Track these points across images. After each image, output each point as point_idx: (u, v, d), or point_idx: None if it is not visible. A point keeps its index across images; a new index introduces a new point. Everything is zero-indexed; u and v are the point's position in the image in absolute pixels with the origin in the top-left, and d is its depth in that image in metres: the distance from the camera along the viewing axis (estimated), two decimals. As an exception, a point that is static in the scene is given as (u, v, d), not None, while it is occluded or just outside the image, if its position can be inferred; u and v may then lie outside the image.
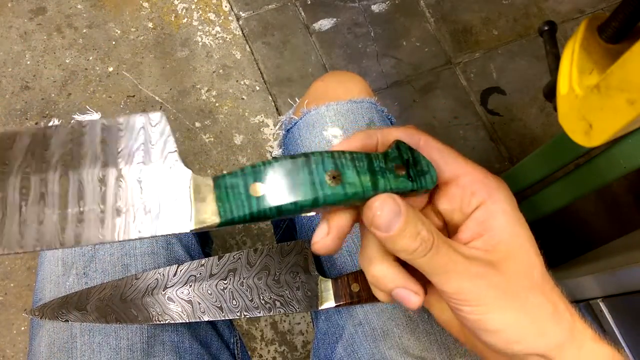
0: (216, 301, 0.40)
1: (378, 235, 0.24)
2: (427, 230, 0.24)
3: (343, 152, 0.25)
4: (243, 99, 1.19)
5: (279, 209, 0.23)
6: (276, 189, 0.23)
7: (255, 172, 0.23)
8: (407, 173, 0.25)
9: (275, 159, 0.24)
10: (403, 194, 0.25)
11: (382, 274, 0.26)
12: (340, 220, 0.25)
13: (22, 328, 1.01)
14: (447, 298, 0.25)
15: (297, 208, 0.23)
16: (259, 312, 0.40)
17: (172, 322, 0.40)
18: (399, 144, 0.26)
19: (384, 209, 0.23)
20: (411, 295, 0.26)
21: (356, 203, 0.24)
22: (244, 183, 0.23)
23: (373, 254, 0.26)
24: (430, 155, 0.26)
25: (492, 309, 0.24)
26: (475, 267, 0.24)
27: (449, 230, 0.29)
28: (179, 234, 0.50)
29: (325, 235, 0.25)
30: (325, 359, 0.48)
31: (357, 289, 0.40)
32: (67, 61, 1.19)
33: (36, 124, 1.14)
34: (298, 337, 1.04)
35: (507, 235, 0.25)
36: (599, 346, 0.25)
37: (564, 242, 1.14)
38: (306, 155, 0.24)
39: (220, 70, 1.20)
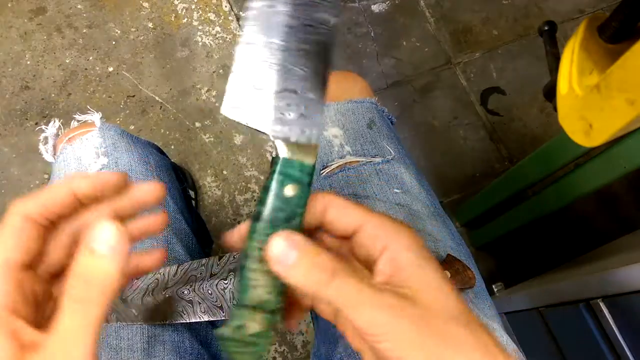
0: (216, 301, 0.40)
1: (276, 271, 0.25)
2: (328, 259, 0.24)
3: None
4: (243, 99, 1.19)
5: None
6: None
7: None
8: None
9: None
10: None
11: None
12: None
13: (22, 328, 1.01)
14: (365, 335, 0.24)
15: None
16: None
17: (172, 322, 0.40)
18: None
19: (275, 244, 0.25)
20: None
21: None
22: None
23: None
24: (331, 213, 0.27)
25: (412, 343, 0.23)
26: (387, 299, 0.24)
27: None
28: (181, 235, 0.50)
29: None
30: (325, 358, 0.48)
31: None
32: (67, 61, 1.19)
33: (36, 124, 1.14)
34: (298, 337, 1.04)
35: (416, 271, 0.25)
36: None
37: (564, 242, 1.14)
38: None
39: (220, 70, 1.20)
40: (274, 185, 0.26)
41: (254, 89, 0.27)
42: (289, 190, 0.26)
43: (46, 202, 0.25)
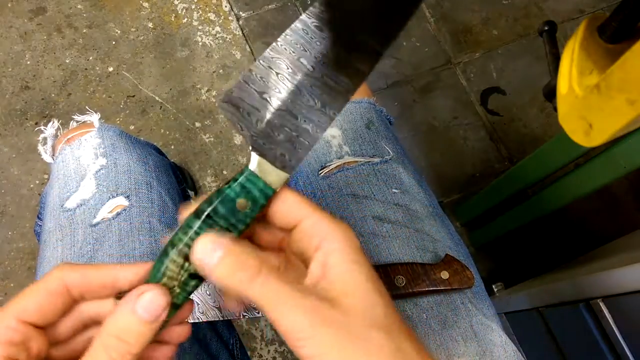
0: (215, 302, 0.40)
1: (207, 272, 0.25)
2: (253, 258, 0.25)
3: None
4: (243, 99, 1.19)
5: None
6: None
7: None
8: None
9: None
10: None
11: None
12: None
13: (22, 328, 1.01)
14: (288, 340, 0.24)
15: None
16: (258, 313, 0.40)
17: (171, 322, 0.40)
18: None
19: (201, 244, 0.25)
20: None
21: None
22: None
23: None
24: (274, 204, 0.27)
25: (331, 349, 0.23)
26: (309, 301, 0.24)
27: None
28: None
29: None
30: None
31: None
32: (67, 61, 1.19)
33: (36, 124, 1.14)
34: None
35: (343, 273, 0.25)
36: None
37: (564, 242, 1.14)
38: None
39: (220, 70, 1.20)
40: (228, 192, 0.26)
41: (259, 95, 0.27)
42: (241, 204, 0.26)
43: (90, 279, 0.26)
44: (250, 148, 0.27)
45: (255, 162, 0.27)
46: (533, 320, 0.81)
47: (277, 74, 0.27)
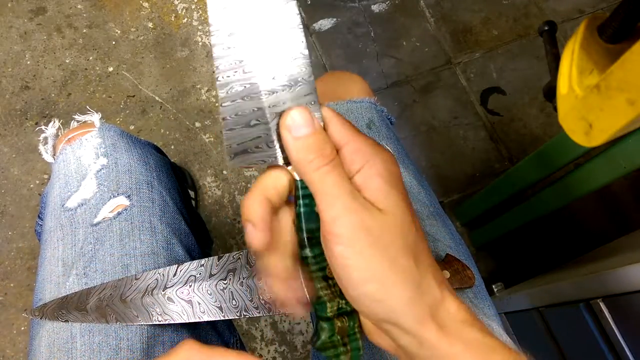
0: (216, 301, 0.40)
1: (286, 138, 0.26)
2: (330, 148, 0.26)
3: None
4: (243, 99, 1.19)
5: None
6: None
7: None
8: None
9: None
10: None
11: (249, 203, 0.27)
12: (256, 211, 0.26)
13: (22, 328, 1.01)
14: (325, 229, 0.25)
15: None
16: (259, 312, 0.40)
17: (172, 322, 0.40)
18: None
19: (298, 115, 0.26)
20: (253, 232, 0.26)
21: None
22: None
23: (254, 190, 0.27)
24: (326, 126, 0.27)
25: (360, 255, 0.24)
26: (357, 204, 0.25)
27: None
28: (181, 236, 0.50)
29: (253, 231, 0.26)
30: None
31: (357, 289, 0.40)
32: (67, 61, 1.19)
33: (36, 124, 1.14)
34: (298, 337, 1.04)
35: (383, 196, 0.26)
36: (473, 332, 0.25)
37: (564, 242, 1.14)
38: None
39: (220, 70, 1.20)
40: (304, 210, 0.27)
41: (248, 127, 0.27)
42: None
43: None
44: (284, 165, 0.27)
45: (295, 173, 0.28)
46: (533, 320, 0.81)
47: (243, 100, 0.26)
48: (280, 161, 0.27)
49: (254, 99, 0.26)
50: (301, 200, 0.27)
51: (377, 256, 0.25)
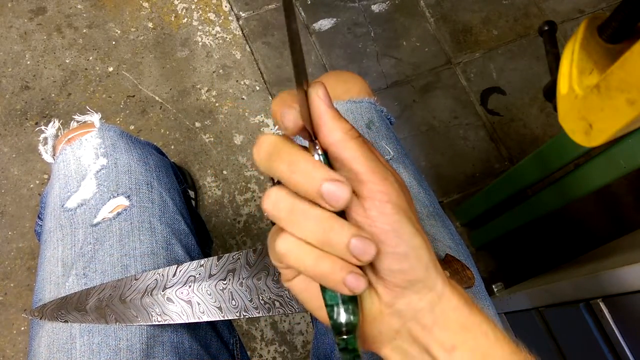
0: (215, 301, 0.40)
1: (319, 108, 0.25)
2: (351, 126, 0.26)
3: None
4: (243, 99, 1.19)
5: None
6: None
7: None
8: None
9: None
10: None
11: (279, 97, 0.26)
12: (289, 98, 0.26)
13: (22, 328, 1.01)
14: (373, 190, 0.25)
15: None
16: (259, 313, 0.40)
17: (172, 322, 0.40)
18: None
19: (318, 89, 0.25)
20: (341, 186, 0.24)
21: None
22: None
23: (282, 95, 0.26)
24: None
25: (405, 213, 0.26)
26: (390, 174, 0.26)
27: None
28: (180, 236, 0.50)
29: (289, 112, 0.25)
30: (324, 358, 0.48)
31: (356, 289, 0.40)
32: (67, 61, 1.19)
33: (36, 124, 1.14)
34: (298, 337, 1.04)
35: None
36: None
37: (564, 242, 1.14)
38: None
39: (220, 70, 1.20)
40: None
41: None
42: None
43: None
44: None
45: None
46: (533, 320, 0.81)
47: None
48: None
49: None
50: None
51: (412, 213, 0.27)
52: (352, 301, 0.27)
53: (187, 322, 0.40)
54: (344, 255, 0.24)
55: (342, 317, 0.26)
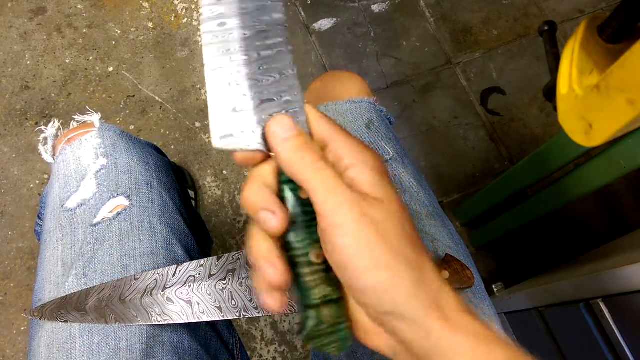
0: (215, 302, 0.40)
1: (273, 143, 0.27)
2: (316, 146, 0.27)
3: None
4: (243, 99, 1.19)
5: None
6: None
7: None
8: None
9: None
10: None
11: (253, 193, 0.27)
12: (265, 197, 0.27)
13: (22, 328, 1.01)
14: (325, 224, 0.25)
15: None
16: (258, 313, 0.40)
17: (171, 322, 0.40)
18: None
19: (277, 122, 0.27)
20: (269, 216, 0.26)
21: None
22: None
23: (253, 181, 0.28)
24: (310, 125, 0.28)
25: (366, 244, 0.24)
26: (354, 194, 0.25)
27: None
28: (180, 236, 0.50)
29: (271, 216, 0.26)
30: (325, 358, 0.48)
31: (356, 290, 0.40)
32: (67, 61, 1.19)
33: (36, 124, 1.14)
34: (298, 337, 1.04)
35: (377, 187, 0.26)
36: (474, 323, 0.25)
37: (564, 242, 1.14)
38: None
39: (220, 70, 1.20)
40: (288, 195, 0.27)
41: (235, 113, 0.27)
42: (304, 193, 0.27)
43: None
44: (267, 152, 0.28)
45: None
46: (533, 320, 0.81)
47: (230, 86, 0.27)
48: (265, 149, 0.28)
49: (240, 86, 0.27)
50: (284, 186, 0.27)
51: (381, 245, 0.24)
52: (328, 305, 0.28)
53: (186, 322, 0.40)
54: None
55: (309, 322, 0.28)
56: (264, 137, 0.27)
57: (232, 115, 0.27)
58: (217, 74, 0.27)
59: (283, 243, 0.28)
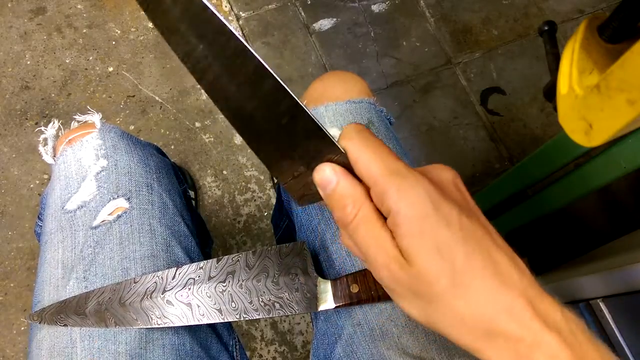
0: (215, 304, 0.40)
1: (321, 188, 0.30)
2: (353, 203, 0.28)
3: None
4: (243, 99, 1.18)
5: None
6: None
7: None
8: None
9: None
10: None
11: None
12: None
13: (22, 328, 1.01)
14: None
15: None
16: (258, 314, 0.40)
17: (172, 325, 0.40)
18: None
19: (320, 172, 0.29)
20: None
21: None
22: None
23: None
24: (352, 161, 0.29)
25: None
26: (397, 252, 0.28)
27: None
28: (180, 238, 0.50)
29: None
30: (324, 359, 0.48)
31: (356, 290, 0.40)
32: (67, 61, 1.19)
33: (36, 124, 1.14)
34: (298, 337, 1.04)
35: (416, 241, 0.28)
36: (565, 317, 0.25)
37: (564, 242, 1.14)
38: None
39: (220, 70, 1.20)
40: None
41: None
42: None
43: None
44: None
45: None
46: (533, 320, 0.80)
47: None
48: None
49: None
50: None
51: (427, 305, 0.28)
52: None
53: (187, 324, 0.40)
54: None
55: None
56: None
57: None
58: None
59: None
